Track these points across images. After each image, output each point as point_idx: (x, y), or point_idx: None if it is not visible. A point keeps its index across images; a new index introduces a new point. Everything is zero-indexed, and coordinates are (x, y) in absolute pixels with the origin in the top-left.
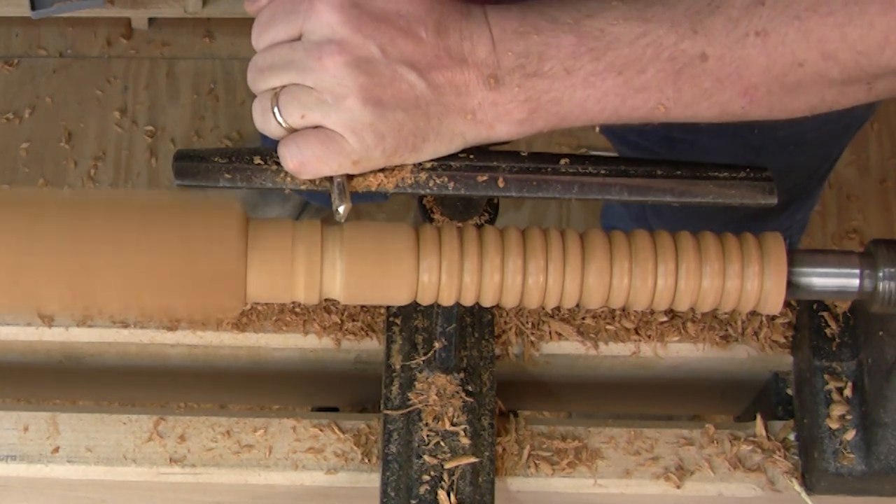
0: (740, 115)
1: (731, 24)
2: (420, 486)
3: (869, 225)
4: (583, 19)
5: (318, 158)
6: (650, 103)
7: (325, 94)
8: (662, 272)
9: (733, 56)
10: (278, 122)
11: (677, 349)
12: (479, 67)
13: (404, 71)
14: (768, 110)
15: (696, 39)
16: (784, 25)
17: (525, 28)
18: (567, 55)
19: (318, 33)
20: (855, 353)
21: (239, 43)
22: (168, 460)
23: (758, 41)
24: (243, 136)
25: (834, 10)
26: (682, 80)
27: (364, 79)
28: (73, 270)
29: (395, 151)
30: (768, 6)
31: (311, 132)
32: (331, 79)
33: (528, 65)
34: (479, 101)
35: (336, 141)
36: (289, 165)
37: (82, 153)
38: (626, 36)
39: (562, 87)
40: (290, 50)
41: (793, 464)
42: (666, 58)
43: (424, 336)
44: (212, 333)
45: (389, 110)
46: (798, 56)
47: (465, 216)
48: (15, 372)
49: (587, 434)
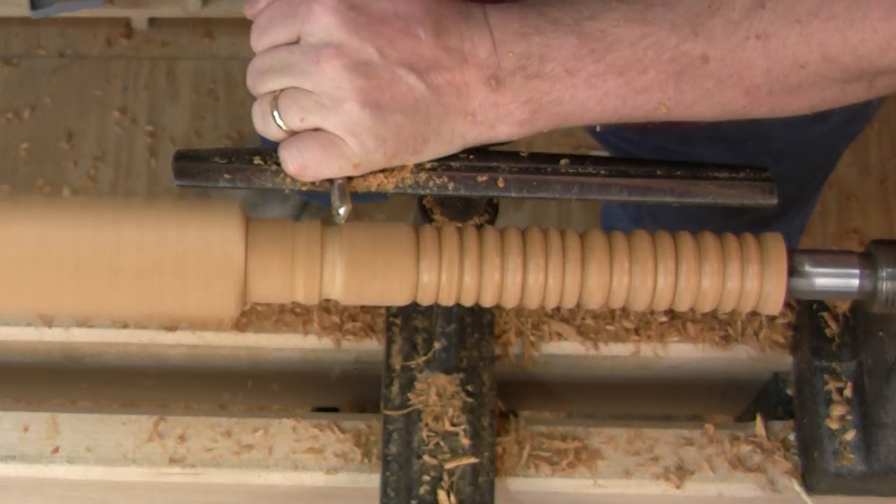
0: (741, 114)
1: (732, 27)
2: (420, 487)
3: (869, 225)
4: (584, 21)
5: (319, 161)
6: (651, 103)
7: (323, 98)
8: (662, 272)
9: (734, 58)
10: (278, 126)
11: (677, 349)
12: (479, 68)
13: (403, 73)
14: (769, 109)
15: (697, 41)
16: (785, 29)
17: (526, 29)
18: (568, 56)
19: (315, 36)
20: (855, 353)
21: (239, 43)
22: (168, 460)
23: (758, 44)
24: (243, 136)
25: (835, 15)
26: (684, 81)
27: (362, 82)
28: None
29: (396, 154)
30: (769, 9)
31: (311, 135)
32: (329, 82)
33: (529, 66)
34: (480, 102)
35: (336, 144)
36: (290, 168)
37: (82, 153)
38: (628, 37)
39: (563, 88)
40: (288, 53)
41: (793, 464)
42: (667, 59)
43: (424, 336)
44: (212, 333)
45: (389, 113)
46: (799, 59)
47: (465, 216)
48: (15, 372)
49: (587, 434)
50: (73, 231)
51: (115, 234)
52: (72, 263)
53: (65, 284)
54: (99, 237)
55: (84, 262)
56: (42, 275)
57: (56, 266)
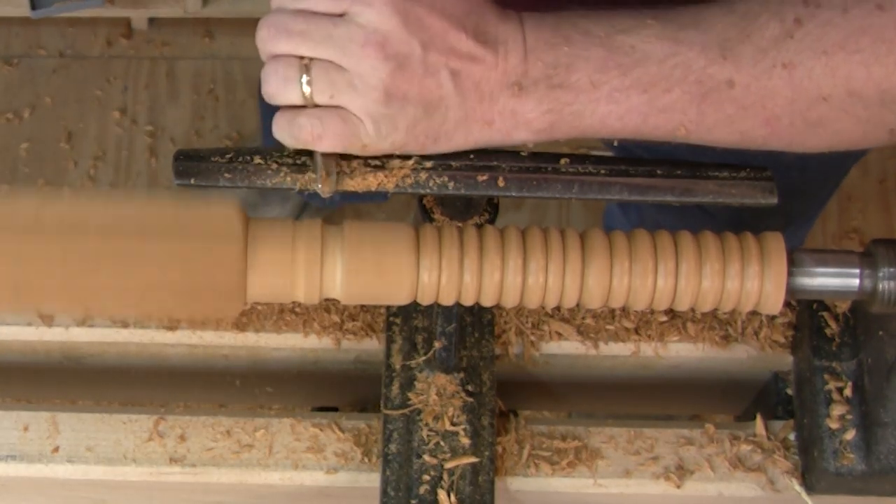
0: (760, 144)
1: (760, 54)
2: (420, 486)
3: (869, 225)
4: (615, 34)
5: (335, 136)
6: (672, 124)
7: (356, 80)
8: (662, 272)
9: (759, 85)
10: (301, 93)
11: (677, 349)
12: (506, 74)
13: (437, 70)
14: (788, 142)
15: (725, 65)
16: (811, 60)
17: (557, 39)
18: (595, 68)
19: (365, 18)
20: (855, 353)
21: (239, 43)
22: (168, 460)
23: (784, 73)
24: (243, 136)
25: (862, 48)
26: (707, 104)
27: (398, 74)
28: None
29: (404, 145)
30: (797, 39)
31: (333, 110)
32: (368, 67)
33: (555, 76)
34: (500, 108)
35: (355, 123)
36: (304, 133)
37: (82, 153)
38: (657, 55)
39: (585, 101)
40: (332, 25)
41: (793, 464)
42: (693, 80)
43: (424, 336)
44: (212, 333)
45: (410, 105)
46: (823, 91)
47: (465, 216)
48: (15, 372)
49: (587, 434)
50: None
51: (115, 234)
52: (71, 263)
53: (64, 283)
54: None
55: (84, 261)
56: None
57: (56, 265)
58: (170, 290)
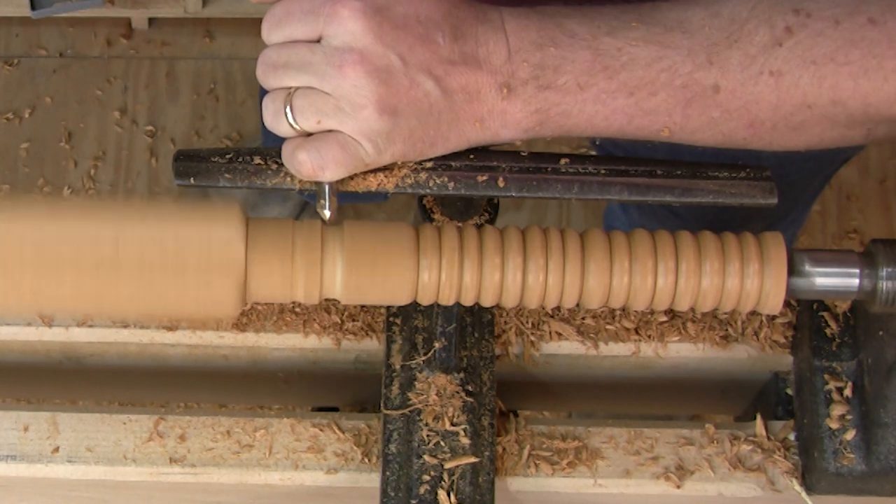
0: (741, 144)
1: (748, 60)
2: (420, 486)
3: (869, 225)
4: (602, 36)
5: (338, 163)
6: (656, 126)
7: (342, 102)
8: (662, 272)
9: (745, 91)
10: (290, 124)
11: (677, 349)
12: (493, 75)
13: (422, 79)
14: (768, 143)
15: (711, 70)
16: (800, 69)
17: (543, 40)
18: (582, 71)
19: (339, 39)
20: (855, 353)
21: (239, 43)
22: (168, 460)
23: (771, 80)
24: (243, 136)
25: (851, 61)
26: (692, 108)
27: (383, 89)
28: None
29: (403, 155)
30: (786, 48)
31: (328, 136)
32: (350, 87)
33: (542, 77)
34: (489, 108)
35: (353, 146)
36: (305, 168)
37: (82, 153)
38: (643, 58)
39: (572, 102)
40: (308, 52)
41: (793, 464)
42: (679, 85)
43: (424, 336)
44: (212, 333)
45: (403, 118)
46: (808, 99)
47: (465, 216)
48: (15, 372)
49: (587, 434)
50: (74, 231)
51: (115, 234)
52: (72, 263)
53: (65, 284)
54: (99, 237)
55: (84, 262)
56: (42, 274)
57: (56, 266)
58: (170, 290)
